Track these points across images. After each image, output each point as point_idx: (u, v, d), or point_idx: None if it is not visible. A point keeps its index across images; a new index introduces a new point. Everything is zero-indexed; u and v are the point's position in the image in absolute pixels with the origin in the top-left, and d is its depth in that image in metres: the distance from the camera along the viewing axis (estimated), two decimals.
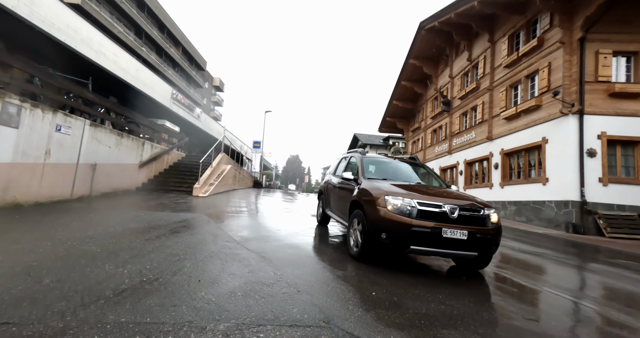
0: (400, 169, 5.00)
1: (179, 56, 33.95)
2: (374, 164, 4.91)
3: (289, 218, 7.57)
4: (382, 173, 4.73)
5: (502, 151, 13.79)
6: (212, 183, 11.24)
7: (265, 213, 8.08)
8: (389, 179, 4.44)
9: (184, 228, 5.28)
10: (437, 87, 21.54)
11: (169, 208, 7.54)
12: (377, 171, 4.71)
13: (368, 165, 4.79)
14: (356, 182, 4.48)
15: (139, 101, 14.46)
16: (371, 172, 4.65)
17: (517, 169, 13.22)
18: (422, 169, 5.23)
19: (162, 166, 11.86)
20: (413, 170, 5.06)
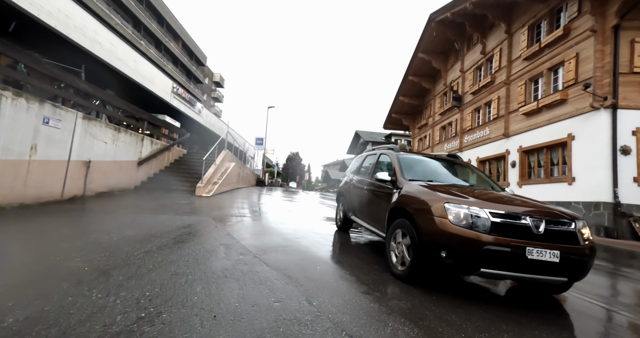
0: (442, 170, 4.27)
1: (178, 51, 33.04)
2: (412, 163, 4.18)
3: (304, 222, 6.85)
4: (423, 173, 4.00)
5: (521, 148, 13.07)
6: (215, 182, 10.51)
7: (277, 217, 7.37)
8: (434, 181, 3.73)
9: (189, 236, 4.56)
10: (447, 82, 20.79)
11: (171, 210, 6.82)
12: (416, 172, 3.98)
13: (407, 164, 4.07)
14: (394, 185, 3.76)
15: (137, 94, 13.68)
16: (411, 173, 3.93)
17: (537, 168, 12.51)
18: (467, 168, 4.51)
19: (163, 163, 11.13)
20: (458, 170, 4.34)
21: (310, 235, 5.37)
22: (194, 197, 9.17)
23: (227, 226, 5.59)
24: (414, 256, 2.93)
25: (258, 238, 4.81)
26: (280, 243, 4.52)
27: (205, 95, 40.50)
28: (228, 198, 9.80)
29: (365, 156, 5.67)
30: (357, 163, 5.86)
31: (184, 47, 34.98)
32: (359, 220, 4.90)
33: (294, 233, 5.36)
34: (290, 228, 5.89)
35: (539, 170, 12.37)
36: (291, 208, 9.30)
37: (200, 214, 6.58)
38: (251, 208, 8.28)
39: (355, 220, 5.06)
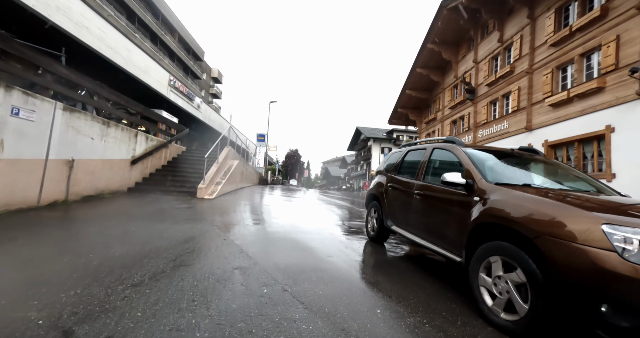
0: (528, 169, 3.26)
1: (175, 45, 31.75)
2: (487, 160, 3.14)
3: (324, 230, 5.83)
4: (506, 174, 2.98)
5: (546, 142, 12.08)
6: (218, 182, 9.46)
7: (292, 222, 6.34)
8: (533, 185, 2.72)
9: (192, 255, 3.53)
10: (458, 74, 19.74)
11: (170, 217, 5.78)
12: (497, 172, 2.94)
13: (482, 162, 3.04)
14: (470, 190, 2.74)
15: (131, 87, 12.55)
16: (493, 173, 2.89)
17: (566, 163, 11.54)
18: (554, 165, 3.48)
19: (160, 161, 10.06)
20: (546, 169, 3.33)
21: (339, 248, 4.35)
22: (195, 200, 8.12)
23: (238, 238, 4.56)
24: (536, 303, 1.91)
25: (279, 255, 3.78)
26: (310, 264, 3.49)
27: (203, 91, 39.24)
28: (233, 200, 8.76)
29: (405, 151, 4.64)
30: (395, 160, 4.83)
31: (181, 41, 33.67)
32: (405, 232, 3.88)
33: (321, 247, 4.33)
34: (313, 238, 4.87)
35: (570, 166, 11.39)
36: (303, 211, 8.28)
37: (203, 221, 5.54)
38: (260, 212, 7.25)
39: (399, 231, 4.04)
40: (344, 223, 6.74)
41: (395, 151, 5.17)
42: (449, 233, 2.94)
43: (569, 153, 11.37)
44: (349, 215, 8.41)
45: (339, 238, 5.05)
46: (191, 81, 35.91)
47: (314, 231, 5.49)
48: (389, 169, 4.91)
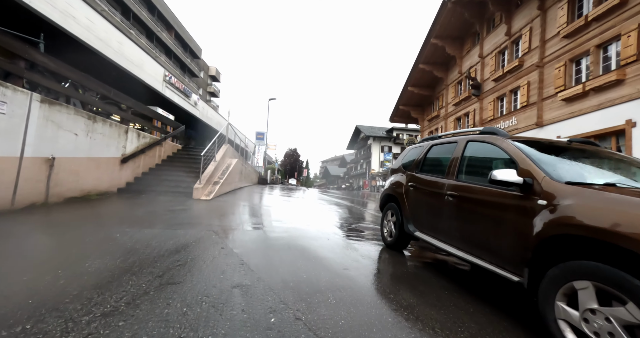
0: (597, 163, 2.67)
1: (171, 42, 31.03)
2: (547, 154, 2.55)
3: (333, 235, 5.25)
4: (573, 170, 2.39)
5: (559, 138, 11.55)
6: (216, 182, 8.86)
7: (297, 226, 5.74)
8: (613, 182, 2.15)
9: (183, 269, 2.94)
10: (462, 70, 19.19)
11: (161, 221, 5.17)
12: (563, 168, 2.36)
13: (542, 156, 2.46)
14: (530, 190, 2.16)
15: (124, 83, 11.91)
16: (556, 169, 2.31)
17: None
18: (619, 160, 2.89)
19: (154, 160, 9.44)
20: (617, 163, 2.75)
21: (354, 258, 3.76)
22: (191, 201, 7.52)
23: (237, 245, 3.97)
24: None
25: (287, 268, 3.19)
26: (324, 280, 2.90)
27: (201, 89, 38.53)
28: (231, 201, 8.16)
29: (427, 146, 4.05)
30: (415, 156, 4.24)
31: (177, 38, 32.95)
32: (434, 240, 3.29)
33: (333, 257, 3.74)
34: (322, 245, 4.28)
35: None
36: (307, 213, 7.70)
37: (199, 226, 4.95)
38: (261, 214, 6.66)
39: (425, 238, 3.45)
40: (353, 225, 6.17)
41: (413, 147, 4.59)
42: (501, 246, 2.36)
43: None
44: (356, 216, 7.85)
45: (352, 245, 4.47)
46: (189, 79, 35.21)
47: (322, 236, 4.90)
48: (408, 167, 4.33)
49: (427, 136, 4.42)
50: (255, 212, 6.82)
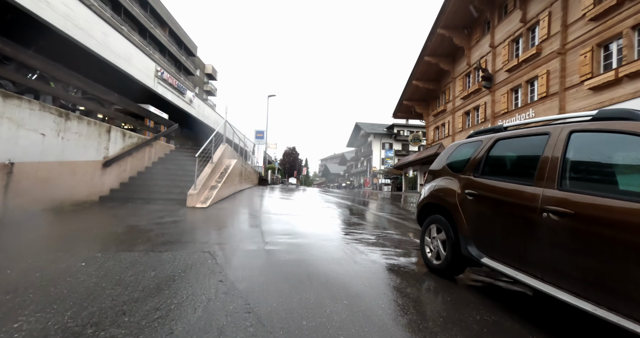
0: None
1: (165, 39, 29.82)
2: None
3: (363, 257, 4.22)
4: None
5: None
6: (214, 186, 7.83)
7: (314, 241, 4.72)
8: None
9: (162, 328, 1.92)
10: (471, 61, 18.18)
11: (146, 238, 4.13)
12: None
13: None
14: None
15: (109, 77, 10.82)
16: None
17: None
18: None
19: (143, 163, 8.40)
20: None
21: (402, 291, 2.74)
22: (184, 210, 6.49)
23: (241, 277, 2.94)
24: None
25: (315, 319, 2.16)
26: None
27: (197, 88, 37.35)
28: (231, 209, 7.13)
29: (490, 141, 3.02)
30: (470, 154, 3.21)
31: (172, 35, 31.73)
32: (522, 274, 2.25)
33: (373, 295, 2.68)
34: (351, 273, 3.24)
35: None
36: (320, 221, 6.67)
37: (191, 245, 3.91)
38: (267, 225, 5.63)
39: (503, 270, 2.42)
40: (379, 240, 5.15)
41: (461, 143, 3.57)
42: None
43: None
44: (374, 223, 6.85)
45: (387, 269, 3.45)
46: (184, 77, 34.02)
47: (345, 257, 3.88)
48: (458, 169, 3.31)
49: (481, 129, 3.40)
50: (259, 222, 5.79)
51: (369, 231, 5.72)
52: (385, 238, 5.12)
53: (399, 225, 6.60)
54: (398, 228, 6.05)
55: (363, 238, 4.96)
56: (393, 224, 6.73)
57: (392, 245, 4.60)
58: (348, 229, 5.76)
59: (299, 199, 11.72)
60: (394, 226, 6.35)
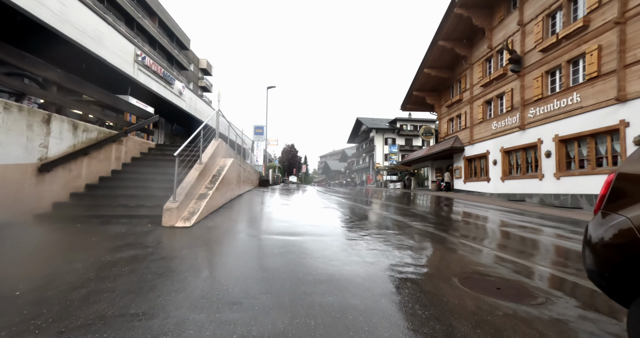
0: None
1: (155, 30, 27.46)
2: None
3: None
4: None
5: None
6: (203, 194, 5.76)
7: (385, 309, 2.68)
8: None
9: None
10: (492, 44, 16.10)
11: (59, 309, 2.05)
12: None
13: None
14: None
15: (71, 59, 8.66)
16: None
17: None
18: None
19: (107, 165, 6.31)
20: None
21: None
22: (158, 232, 4.44)
23: None
24: None
25: None
26: None
27: (191, 83, 35.02)
28: (226, 228, 5.08)
29: None
30: None
31: (162, 26, 29.35)
32: None
33: None
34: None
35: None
36: (354, 242, 4.65)
37: (148, 332, 1.83)
38: (286, 259, 3.57)
39: None
40: (463, 285, 3.13)
41: None
42: None
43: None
44: (430, 248, 4.84)
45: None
46: (177, 72, 31.69)
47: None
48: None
49: None
50: (269, 254, 3.76)
51: (435, 265, 3.64)
52: (461, 274, 3.04)
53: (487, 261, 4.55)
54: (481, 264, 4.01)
55: (437, 277, 2.87)
56: (447, 246, 4.67)
57: (474, 293, 2.50)
58: (412, 264, 3.69)
59: (309, 205, 9.67)
60: (447, 248, 4.30)
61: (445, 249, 4.18)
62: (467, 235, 5.35)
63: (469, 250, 4.11)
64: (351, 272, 3.03)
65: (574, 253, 4.19)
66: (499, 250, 4.20)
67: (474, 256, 3.79)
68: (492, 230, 6.13)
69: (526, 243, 4.84)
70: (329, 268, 3.13)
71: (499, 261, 3.64)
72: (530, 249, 4.48)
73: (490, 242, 4.85)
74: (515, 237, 5.26)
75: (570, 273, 3.24)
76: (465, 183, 18.75)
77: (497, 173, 15.57)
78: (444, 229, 5.83)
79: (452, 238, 4.94)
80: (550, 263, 3.68)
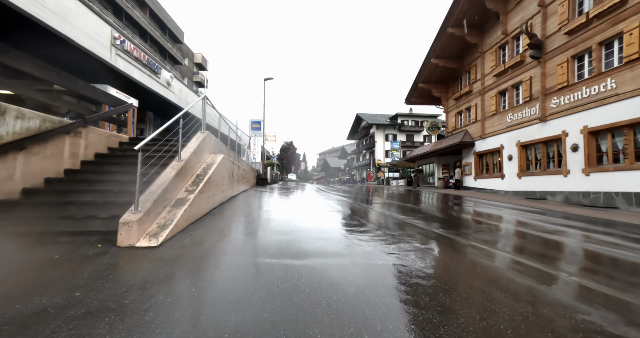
0: None
1: (145, 21, 25.87)
2: None
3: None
4: None
5: None
6: (181, 200, 4.43)
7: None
8: None
9: None
10: (507, 30, 14.76)
11: None
12: None
13: None
14: None
15: (29, 37, 7.25)
16: None
17: None
18: None
19: (59, 163, 4.94)
20: None
21: None
22: (108, 257, 3.13)
23: None
24: None
25: None
26: None
27: (186, 79, 33.46)
28: (209, 244, 3.76)
29: None
30: None
31: (153, 18, 27.75)
32: None
33: None
34: None
35: None
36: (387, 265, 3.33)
37: None
38: (288, 303, 2.26)
39: None
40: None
41: None
42: None
43: None
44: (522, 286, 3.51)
45: None
46: (170, 66, 30.14)
47: None
48: None
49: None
50: (266, 304, 2.45)
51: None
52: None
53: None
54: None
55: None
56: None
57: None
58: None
59: (313, 208, 8.34)
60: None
61: (547, 292, 2.85)
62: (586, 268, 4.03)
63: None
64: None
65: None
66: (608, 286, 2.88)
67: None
68: (579, 250, 4.82)
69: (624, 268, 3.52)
70: (360, 321, 1.79)
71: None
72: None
73: (591, 272, 3.55)
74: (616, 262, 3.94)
75: None
76: (475, 180, 17.49)
77: (512, 169, 14.31)
78: (524, 253, 4.51)
79: (558, 272, 3.62)
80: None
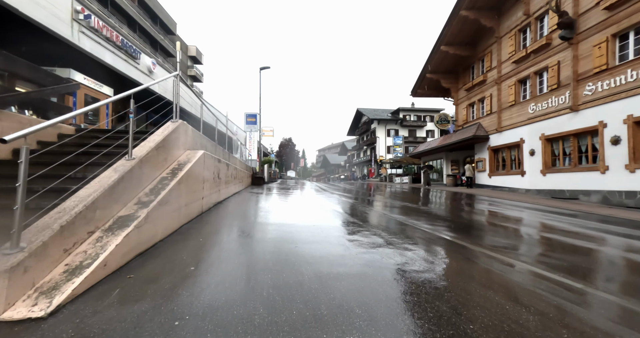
0: None
1: (134, 10, 24.03)
2: None
3: None
4: None
5: None
6: (125, 218, 2.89)
7: None
8: None
9: None
10: (529, 10, 13.11)
11: None
12: None
13: None
14: None
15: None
16: None
17: None
18: None
19: None
20: None
21: None
22: None
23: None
24: None
25: None
26: None
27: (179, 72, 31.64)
28: (154, 305, 2.23)
29: None
30: None
31: (143, 7, 25.89)
32: None
33: None
34: None
35: None
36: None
37: None
38: None
39: None
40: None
41: None
42: None
43: None
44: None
45: None
46: (163, 59, 28.32)
47: None
48: None
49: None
50: None
51: None
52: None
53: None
54: None
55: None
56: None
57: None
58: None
59: (321, 217, 6.78)
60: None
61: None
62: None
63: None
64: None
65: None
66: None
67: None
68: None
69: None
70: None
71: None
72: None
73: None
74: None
75: None
76: (490, 177, 15.97)
77: (535, 164, 12.77)
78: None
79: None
80: None
